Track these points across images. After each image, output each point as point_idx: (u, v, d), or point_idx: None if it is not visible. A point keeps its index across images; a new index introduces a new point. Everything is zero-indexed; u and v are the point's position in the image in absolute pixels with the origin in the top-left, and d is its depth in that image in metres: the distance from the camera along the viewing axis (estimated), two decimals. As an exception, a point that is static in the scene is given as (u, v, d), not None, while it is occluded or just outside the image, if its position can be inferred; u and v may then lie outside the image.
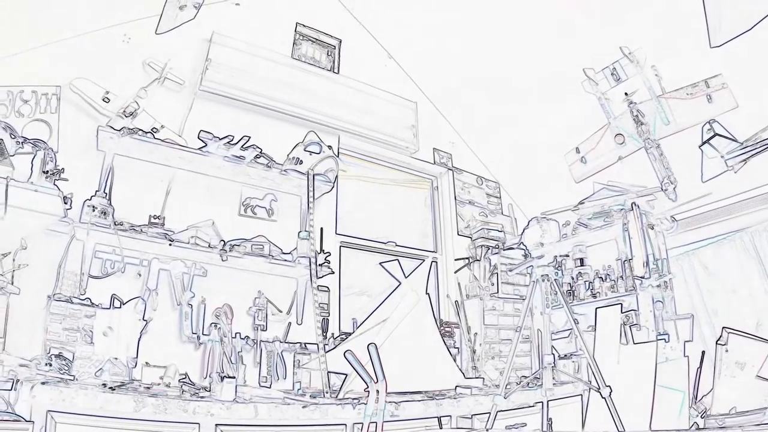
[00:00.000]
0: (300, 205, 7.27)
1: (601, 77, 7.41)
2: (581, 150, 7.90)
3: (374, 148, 8.02)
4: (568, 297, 7.58)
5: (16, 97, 5.95)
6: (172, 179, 6.61)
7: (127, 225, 6.16)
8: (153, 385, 5.77)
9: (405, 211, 8.17)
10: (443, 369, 7.10)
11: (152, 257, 6.31)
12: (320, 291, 6.98)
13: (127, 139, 6.23)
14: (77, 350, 5.62)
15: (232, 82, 6.99)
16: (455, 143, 8.51)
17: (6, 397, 4.86)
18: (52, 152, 5.92)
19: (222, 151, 6.72)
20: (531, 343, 7.81)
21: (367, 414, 6.08)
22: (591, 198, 7.66)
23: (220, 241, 6.58)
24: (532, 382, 7.24)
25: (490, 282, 7.92)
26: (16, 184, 5.62)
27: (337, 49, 7.79)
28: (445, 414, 6.53)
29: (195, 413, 5.45)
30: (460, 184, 8.49)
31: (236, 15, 7.02)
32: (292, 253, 6.94)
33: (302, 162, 7.18)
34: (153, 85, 6.53)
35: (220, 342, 6.26)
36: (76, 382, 5.39)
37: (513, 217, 8.70)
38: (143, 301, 6.09)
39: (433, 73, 8.05)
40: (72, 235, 5.91)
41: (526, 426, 6.85)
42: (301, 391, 6.43)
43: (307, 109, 7.43)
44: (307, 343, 6.77)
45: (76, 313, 5.71)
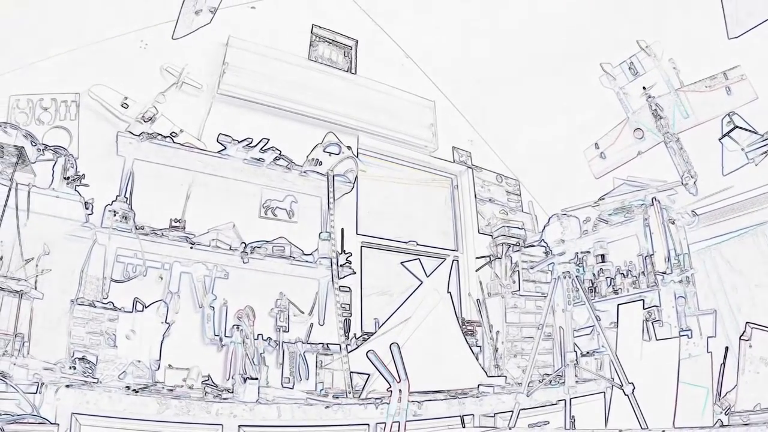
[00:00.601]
0: (320, 206, 7.36)
1: (619, 72, 7.40)
2: (600, 145, 7.89)
3: (393, 148, 8.08)
4: (589, 294, 7.57)
5: (36, 105, 6.11)
6: (192, 183, 6.72)
7: (148, 229, 6.30)
8: (176, 387, 5.89)
9: (425, 210, 8.22)
10: (465, 368, 7.16)
11: (174, 260, 6.44)
12: (342, 291, 7.04)
13: (147, 143, 6.37)
14: (101, 353, 5.76)
15: (250, 85, 7.09)
16: (474, 141, 8.55)
17: (31, 400, 4.99)
18: (72, 158, 6.08)
19: (241, 153, 6.85)
20: (553, 340, 7.82)
21: (390, 413, 6.16)
22: (611, 194, 7.66)
23: (241, 243, 6.71)
24: (555, 379, 7.29)
25: (512, 280, 7.96)
26: (38, 190, 5.80)
27: (353, 50, 7.89)
28: (467, 413, 6.59)
29: (218, 414, 5.56)
30: (480, 182, 8.53)
31: (252, 18, 7.13)
32: (313, 254, 7.03)
33: (322, 163, 7.28)
34: (171, 90, 6.67)
35: (242, 344, 6.37)
36: (99, 384, 5.52)
37: (533, 215, 8.72)
38: (165, 304, 6.22)
39: (451, 72, 8.13)
40: (94, 239, 6.05)
41: (548, 424, 6.87)
42: (324, 391, 6.53)
43: (326, 110, 7.52)
44: (329, 343, 6.86)
45: (99, 317, 5.85)
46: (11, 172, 5.65)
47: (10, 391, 4.97)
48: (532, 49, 7.50)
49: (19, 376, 5.12)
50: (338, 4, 7.63)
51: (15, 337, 5.40)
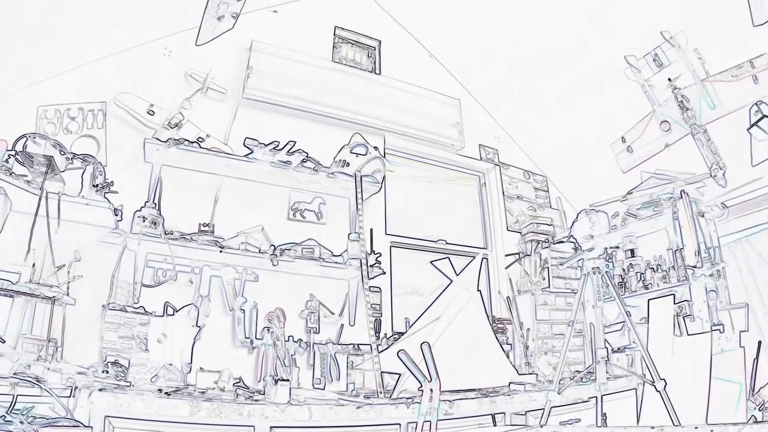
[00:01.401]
0: (349, 207, 7.49)
1: (643, 64, 7.40)
2: (627, 139, 7.88)
3: (420, 147, 8.15)
4: (619, 289, 7.56)
5: (64, 115, 6.33)
6: (219, 187, 6.89)
7: (177, 234, 6.47)
8: (208, 390, 6.05)
9: (453, 208, 8.28)
10: (496, 366, 7.22)
11: (203, 264, 6.61)
12: (372, 292, 7.15)
13: (174, 149, 6.55)
14: (133, 357, 5.94)
15: (275, 88, 7.23)
16: (500, 138, 8.59)
17: (65, 404, 5.19)
18: (101, 166, 6.28)
19: (268, 157, 6.99)
20: (584, 337, 7.83)
21: (422, 413, 6.25)
22: (639, 187, 7.64)
23: (270, 246, 6.85)
24: (586, 376, 7.30)
25: (541, 277, 7.99)
26: (68, 198, 6.02)
27: (377, 50, 8.02)
28: (499, 411, 6.66)
29: (250, 416, 5.71)
30: (508, 179, 8.57)
31: (274, 22, 7.29)
32: (342, 255, 7.15)
33: (349, 164, 7.40)
34: (196, 96, 6.84)
35: (273, 346, 6.51)
36: (132, 388, 5.70)
37: (562, 210, 8.73)
38: (196, 307, 6.39)
39: (475, 69, 8.18)
40: (124, 245, 6.24)
41: (580, 421, 6.89)
42: (355, 391, 6.65)
43: (351, 111, 7.64)
44: (360, 344, 6.97)
45: (131, 322, 6.04)
46: (41, 181, 5.88)
47: (45, 395, 5.17)
48: (555, 44, 7.52)
49: (53, 381, 5.32)
50: (360, 5, 7.75)
51: (48, 343, 5.61)
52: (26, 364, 5.36)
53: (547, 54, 7.65)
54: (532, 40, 7.61)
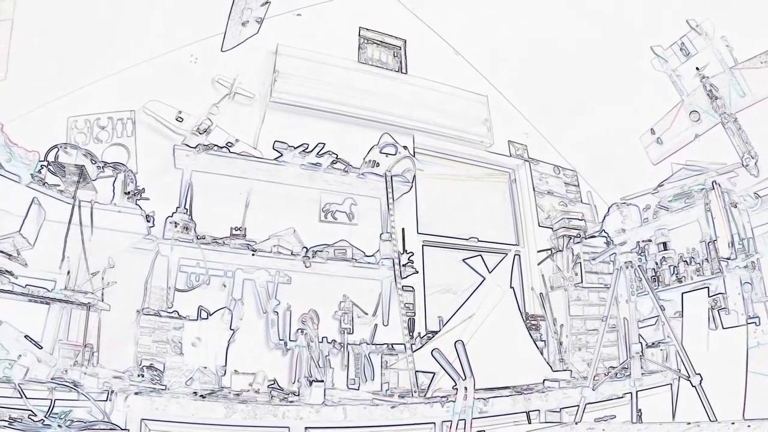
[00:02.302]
0: (380, 207, 7.59)
1: (670, 53, 7.39)
2: (656, 131, 7.85)
3: (449, 145, 8.19)
4: (653, 283, 7.52)
5: (93, 125, 6.56)
6: (250, 191, 7.06)
7: (209, 238, 6.65)
8: (242, 392, 6.22)
9: (484, 205, 8.32)
10: (530, 363, 7.26)
11: (236, 268, 6.78)
12: (405, 291, 7.25)
13: (204, 155, 6.73)
14: (167, 361, 6.14)
15: (302, 91, 7.37)
16: (529, 134, 8.58)
17: (102, 407, 5.40)
18: (131, 174, 6.49)
19: (298, 159, 7.13)
20: (617, 332, 7.80)
21: (456, 411, 6.33)
22: (670, 179, 7.60)
23: (303, 248, 6.99)
24: (620, 372, 7.31)
25: (574, 272, 8.00)
26: (100, 206, 6.23)
27: (402, 50, 8.09)
28: (533, 408, 6.70)
29: (284, 417, 5.86)
30: (538, 175, 8.58)
31: (298, 25, 7.42)
32: (375, 255, 7.26)
33: (379, 164, 7.51)
34: (224, 101, 7.01)
35: (307, 347, 6.63)
36: (167, 391, 5.90)
37: (593, 205, 8.68)
38: (229, 311, 6.56)
39: (502, 65, 8.22)
40: (156, 251, 6.46)
41: (615, 418, 6.91)
42: (390, 391, 6.77)
43: (379, 111, 7.73)
44: (393, 343, 7.07)
45: (165, 326, 6.24)
46: (74, 190, 6.11)
47: (82, 399, 5.38)
48: (581, 36, 7.57)
49: (90, 385, 5.53)
50: (384, 5, 7.85)
51: (84, 348, 5.83)
52: (63, 369, 5.59)
53: (572, 47, 7.69)
54: (557, 34, 7.66)
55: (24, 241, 5.77)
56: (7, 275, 5.65)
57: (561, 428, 6.61)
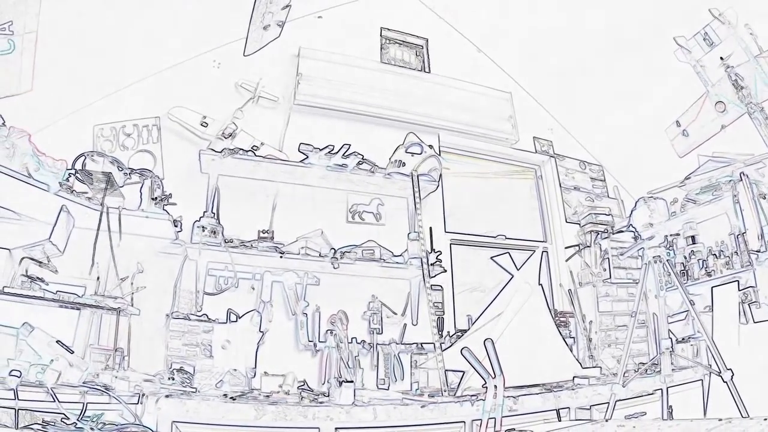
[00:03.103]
0: (407, 207, 7.66)
1: (694, 44, 7.37)
2: (682, 123, 7.81)
3: (475, 143, 8.24)
4: (682, 277, 7.47)
5: (119, 132, 6.74)
6: (277, 193, 7.19)
7: (237, 242, 6.80)
8: (272, 394, 6.35)
9: (511, 203, 8.35)
10: (560, 360, 7.29)
11: (264, 270, 6.92)
12: (433, 290, 7.31)
13: (229, 159, 6.88)
14: (197, 364, 6.28)
15: (325, 93, 7.48)
16: (554, 129, 8.58)
17: (133, 410, 5.55)
18: (158, 179, 6.67)
19: (324, 161, 7.24)
20: (647, 328, 7.76)
21: (486, 410, 6.39)
22: (697, 172, 7.57)
23: (331, 249, 7.10)
24: (650, 368, 7.28)
25: (602, 268, 7.98)
26: (128, 212, 6.43)
27: (424, 49, 8.17)
28: (563, 406, 6.73)
29: (315, 418, 5.98)
30: (564, 171, 8.58)
31: (320, 27, 7.54)
32: (403, 255, 7.34)
33: (405, 164, 7.59)
34: (248, 105, 7.15)
35: (336, 348, 6.74)
36: (198, 393, 6.04)
37: (619, 199, 8.64)
38: (258, 313, 6.70)
39: (525, 61, 8.23)
40: (185, 255, 6.62)
41: (645, 415, 6.89)
42: (419, 390, 6.83)
43: (403, 110, 7.81)
44: (423, 343, 7.14)
45: (194, 329, 6.39)
46: (101, 197, 6.30)
47: (114, 402, 5.53)
48: (603, 30, 7.58)
49: (121, 388, 5.69)
50: (404, 4, 7.92)
51: (115, 352, 6.01)
52: (95, 373, 5.76)
53: (595, 41, 7.71)
54: (580, 28, 7.69)
55: (54, 249, 5.97)
56: (38, 282, 5.85)
57: (591, 426, 6.60)
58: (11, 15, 6.25)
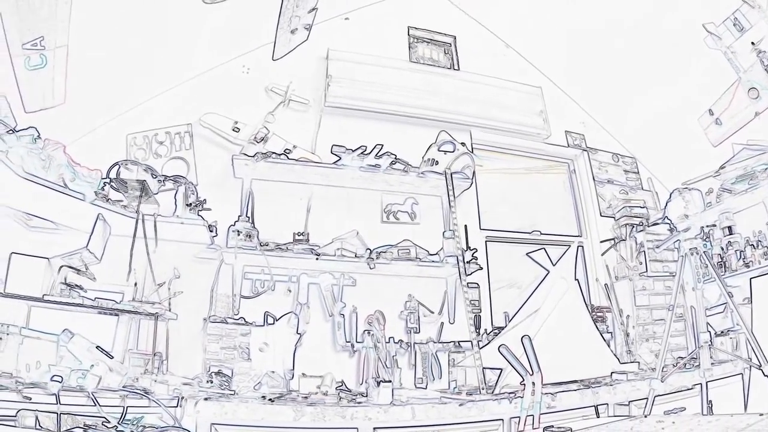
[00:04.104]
0: (441, 205, 7.72)
1: (724, 30, 7.30)
2: (715, 111, 7.74)
3: (507, 139, 8.23)
4: (719, 269, 7.41)
5: (152, 140, 6.94)
6: (311, 196, 7.31)
7: (272, 245, 6.95)
8: (311, 395, 6.47)
9: (545, 198, 8.34)
10: (598, 355, 7.28)
11: (300, 273, 7.04)
12: (470, 288, 7.37)
13: (262, 163, 7.03)
14: (235, 367, 6.44)
15: (356, 94, 7.57)
16: (586, 123, 8.51)
17: (173, 413, 5.73)
18: (192, 186, 6.85)
19: (357, 162, 7.35)
20: (685, 321, 7.63)
21: (524, 407, 6.46)
22: (732, 161, 7.52)
23: (366, 249, 7.21)
24: (689, 362, 7.22)
25: (638, 261, 7.93)
26: (163, 219, 6.62)
27: (453, 46, 8.20)
28: (601, 402, 6.75)
29: (353, 418, 6.11)
30: (597, 164, 8.52)
31: (347, 29, 7.63)
32: (438, 254, 7.41)
33: (438, 162, 7.67)
34: (279, 109, 7.28)
35: (374, 348, 6.86)
36: (236, 396, 6.21)
37: (654, 191, 8.53)
38: (296, 315, 6.83)
39: (553, 55, 8.23)
40: (221, 260, 6.78)
41: (685, 410, 6.86)
42: (457, 389, 6.90)
43: (434, 109, 7.86)
44: (460, 341, 7.20)
45: (232, 333, 6.55)
46: (136, 204, 6.50)
47: (153, 405, 5.72)
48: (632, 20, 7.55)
49: (160, 392, 5.88)
50: (430, 2, 7.98)
51: (154, 356, 6.21)
52: (134, 378, 5.97)
53: (623, 32, 7.69)
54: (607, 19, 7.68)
55: (91, 256, 6.19)
56: (77, 289, 6.07)
57: (630, 422, 6.60)
58: (42, 30, 6.47)
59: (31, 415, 5.40)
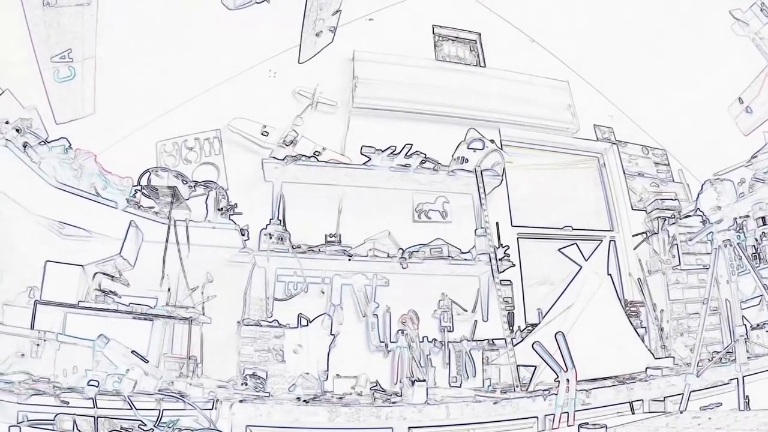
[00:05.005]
0: (472, 203, 7.71)
1: (751, 16, 7.25)
2: (744, 99, 7.72)
3: (536, 135, 8.21)
4: (754, 261, 7.36)
5: (182, 147, 7.06)
6: (342, 197, 7.38)
7: (304, 247, 7.03)
8: (345, 395, 6.54)
9: (576, 193, 8.30)
10: (632, 351, 7.23)
11: (333, 274, 7.10)
12: (503, 285, 7.38)
13: (292, 166, 7.11)
14: (270, 369, 6.53)
15: (383, 94, 7.62)
16: (614, 116, 8.45)
17: (208, 416, 5.84)
18: (223, 190, 6.94)
19: (387, 162, 7.39)
20: (720, 315, 7.54)
21: (558, 404, 6.49)
22: (764, 150, 7.47)
23: (399, 249, 7.24)
24: (725, 357, 7.17)
25: (671, 254, 7.86)
26: (195, 224, 6.72)
27: (478, 43, 8.20)
28: (636, 398, 6.75)
29: (388, 418, 6.19)
30: (627, 157, 8.46)
31: (372, 30, 7.71)
32: (471, 252, 7.43)
33: (468, 160, 7.66)
34: (307, 112, 7.35)
35: (408, 347, 6.90)
36: (271, 398, 6.29)
37: (685, 183, 8.44)
38: (329, 316, 6.89)
39: (579, 48, 8.21)
40: (253, 263, 6.88)
41: (721, 405, 6.81)
42: (492, 387, 6.92)
43: (462, 106, 7.87)
44: (494, 338, 7.20)
45: (266, 335, 6.64)
46: (168, 210, 6.61)
47: (189, 408, 5.84)
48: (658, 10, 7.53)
49: (196, 395, 6.00)
50: (454, 1, 8.03)
51: (189, 360, 6.32)
52: (169, 381, 6.08)
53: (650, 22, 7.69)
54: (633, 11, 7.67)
55: (125, 263, 6.33)
56: (111, 295, 6.21)
57: (665, 418, 6.59)
58: (69, 43, 6.66)
59: (69, 419, 5.57)
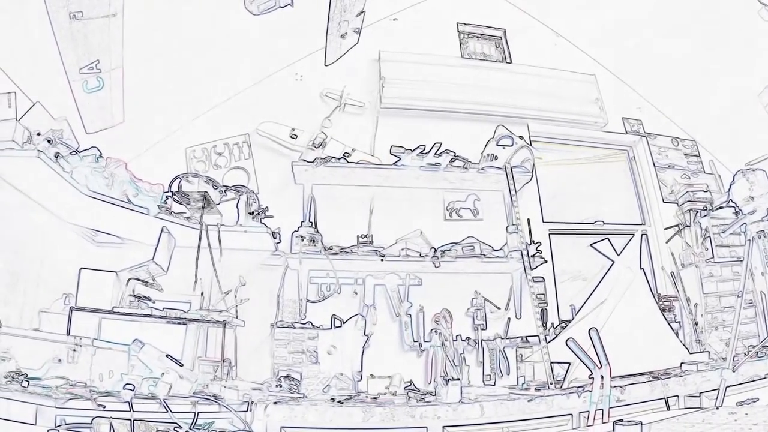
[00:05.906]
0: (503, 200, 7.70)
1: None
2: None
3: (564, 130, 8.18)
4: None
5: (211, 152, 7.16)
6: (372, 198, 7.42)
7: (336, 248, 7.08)
8: (379, 395, 6.58)
9: (606, 187, 8.23)
10: (666, 346, 7.18)
11: (366, 275, 7.15)
12: (535, 282, 7.36)
13: (322, 168, 7.16)
14: (304, 370, 6.59)
15: (411, 93, 7.64)
16: (642, 108, 8.36)
17: (243, 418, 5.91)
18: (253, 194, 7.01)
19: (416, 161, 7.40)
20: (755, 307, 7.49)
21: (593, 401, 6.46)
22: None
23: (431, 248, 7.26)
24: (761, 350, 7.11)
25: (704, 247, 7.71)
26: (227, 228, 6.79)
27: (503, 40, 8.19)
28: (671, 394, 6.70)
29: (422, 418, 6.21)
30: (656, 150, 8.35)
31: (397, 30, 7.74)
32: (503, 249, 7.41)
33: (497, 157, 7.66)
34: (335, 113, 7.41)
35: (441, 346, 6.93)
36: (305, 399, 6.35)
37: (716, 174, 8.31)
38: (363, 317, 6.93)
39: (605, 41, 8.16)
40: (286, 266, 6.95)
41: (758, 400, 6.75)
42: (526, 384, 6.91)
43: (490, 103, 7.86)
44: (528, 336, 7.19)
45: (299, 337, 6.70)
46: (200, 215, 6.70)
47: (223, 411, 5.92)
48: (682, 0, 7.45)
49: (230, 397, 6.08)
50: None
51: (223, 363, 6.40)
52: (204, 384, 6.17)
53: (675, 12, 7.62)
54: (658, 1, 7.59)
55: (158, 268, 6.43)
56: (145, 301, 6.32)
57: (701, 414, 6.55)
58: (97, 54, 6.80)
59: (106, 422, 5.68)
